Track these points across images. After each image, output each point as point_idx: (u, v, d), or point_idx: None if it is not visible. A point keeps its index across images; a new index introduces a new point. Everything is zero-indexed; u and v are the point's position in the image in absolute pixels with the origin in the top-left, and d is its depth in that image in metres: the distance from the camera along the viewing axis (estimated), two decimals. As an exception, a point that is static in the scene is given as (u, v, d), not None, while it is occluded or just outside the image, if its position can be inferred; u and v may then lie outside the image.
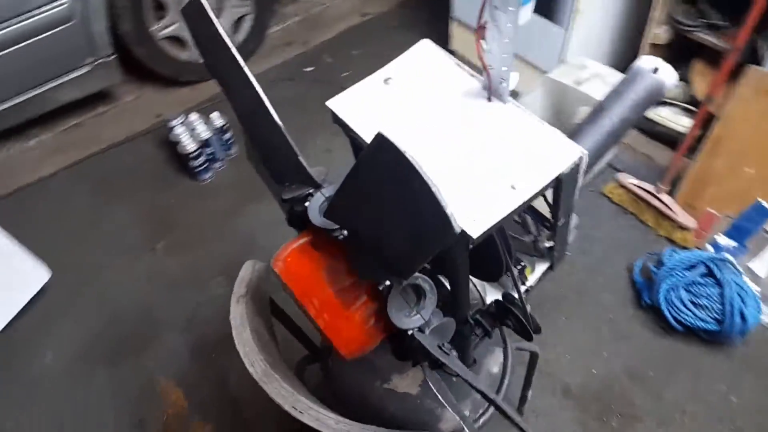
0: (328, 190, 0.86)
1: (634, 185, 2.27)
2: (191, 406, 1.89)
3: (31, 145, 2.76)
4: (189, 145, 2.42)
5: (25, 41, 2.32)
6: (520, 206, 0.81)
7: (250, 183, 1.10)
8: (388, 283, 0.81)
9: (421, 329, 0.86)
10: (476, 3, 0.80)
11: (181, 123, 2.53)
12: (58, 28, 2.37)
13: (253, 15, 2.93)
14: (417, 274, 0.83)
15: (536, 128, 0.88)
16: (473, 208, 0.80)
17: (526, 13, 0.81)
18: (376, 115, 0.94)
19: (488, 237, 0.94)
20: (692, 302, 1.85)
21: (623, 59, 2.50)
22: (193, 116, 2.57)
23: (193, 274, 2.24)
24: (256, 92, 0.83)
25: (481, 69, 0.89)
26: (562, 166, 0.83)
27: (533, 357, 1.53)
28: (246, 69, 0.82)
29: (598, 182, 2.38)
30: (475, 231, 0.78)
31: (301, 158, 0.87)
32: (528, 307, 1.40)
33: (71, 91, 2.63)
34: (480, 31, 0.83)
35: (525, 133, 0.88)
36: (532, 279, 1.38)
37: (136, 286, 2.21)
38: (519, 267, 1.30)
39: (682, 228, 2.17)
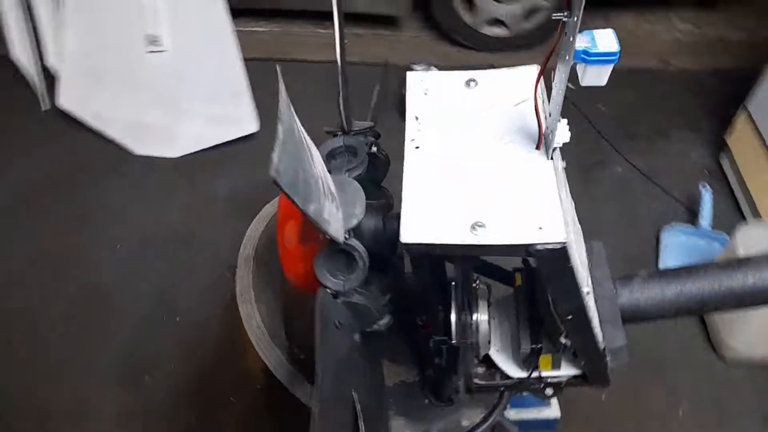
0: (342, 139, 0.92)
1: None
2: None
3: (320, 33, 3.26)
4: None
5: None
6: (462, 247, 0.75)
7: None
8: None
9: (335, 294, 0.88)
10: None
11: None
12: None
13: (549, 12, 2.91)
14: (357, 245, 0.85)
15: (546, 196, 0.79)
16: (427, 218, 0.78)
17: (601, 76, 0.71)
18: (435, 103, 0.93)
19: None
20: None
21: None
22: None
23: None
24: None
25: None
26: (530, 239, 0.73)
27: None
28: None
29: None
30: (406, 236, 0.76)
31: (341, 106, 0.93)
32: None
33: (365, 4, 3.00)
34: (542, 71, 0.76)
35: (534, 194, 0.79)
36: (547, 373, 1.22)
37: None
38: (535, 346, 1.17)
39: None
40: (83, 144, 2.70)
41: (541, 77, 0.84)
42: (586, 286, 0.90)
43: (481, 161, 0.84)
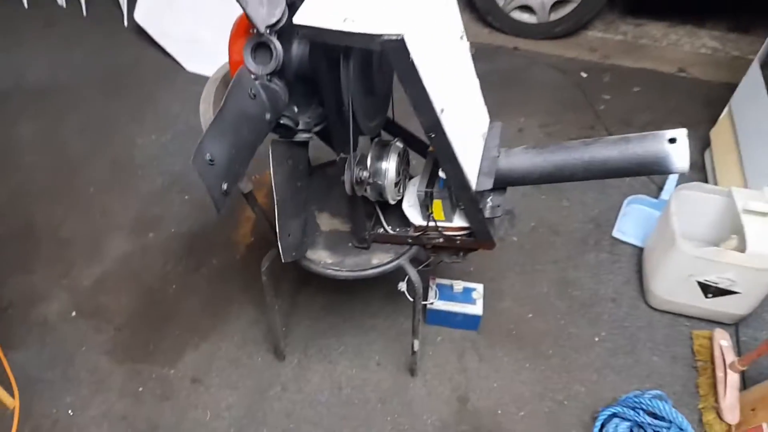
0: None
1: (721, 347, 1.89)
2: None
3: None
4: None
5: None
6: (335, 32, 1.05)
7: None
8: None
9: (256, 76, 1.20)
10: None
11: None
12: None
13: (575, 5, 3.15)
14: (274, 40, 1.17)
15: (403, 12, 1.07)
16: (318, 11, 1.08)
17: None
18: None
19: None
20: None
21: None
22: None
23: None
24: None
25: None
26: (377, 31, 1.02)
27: (415, 302, 1.64)
28: None
29: (699, 324, 2.04)
30: (298, 18, 1.07)
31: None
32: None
33: None
34: None
35: (397, 8, 1.07)
36: (442, 223, 1.47)
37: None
38: (428, 189, 1.43)
39: (720, 417, 1.77)
40: (148, 55, 3.22)
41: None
42: (440, 104, 1.17)
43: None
